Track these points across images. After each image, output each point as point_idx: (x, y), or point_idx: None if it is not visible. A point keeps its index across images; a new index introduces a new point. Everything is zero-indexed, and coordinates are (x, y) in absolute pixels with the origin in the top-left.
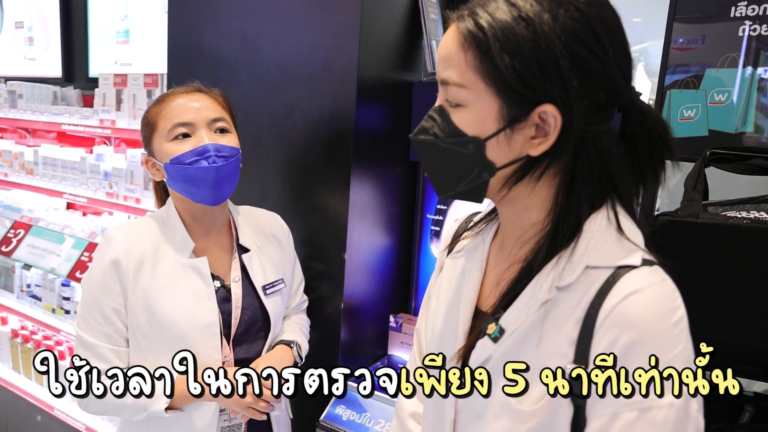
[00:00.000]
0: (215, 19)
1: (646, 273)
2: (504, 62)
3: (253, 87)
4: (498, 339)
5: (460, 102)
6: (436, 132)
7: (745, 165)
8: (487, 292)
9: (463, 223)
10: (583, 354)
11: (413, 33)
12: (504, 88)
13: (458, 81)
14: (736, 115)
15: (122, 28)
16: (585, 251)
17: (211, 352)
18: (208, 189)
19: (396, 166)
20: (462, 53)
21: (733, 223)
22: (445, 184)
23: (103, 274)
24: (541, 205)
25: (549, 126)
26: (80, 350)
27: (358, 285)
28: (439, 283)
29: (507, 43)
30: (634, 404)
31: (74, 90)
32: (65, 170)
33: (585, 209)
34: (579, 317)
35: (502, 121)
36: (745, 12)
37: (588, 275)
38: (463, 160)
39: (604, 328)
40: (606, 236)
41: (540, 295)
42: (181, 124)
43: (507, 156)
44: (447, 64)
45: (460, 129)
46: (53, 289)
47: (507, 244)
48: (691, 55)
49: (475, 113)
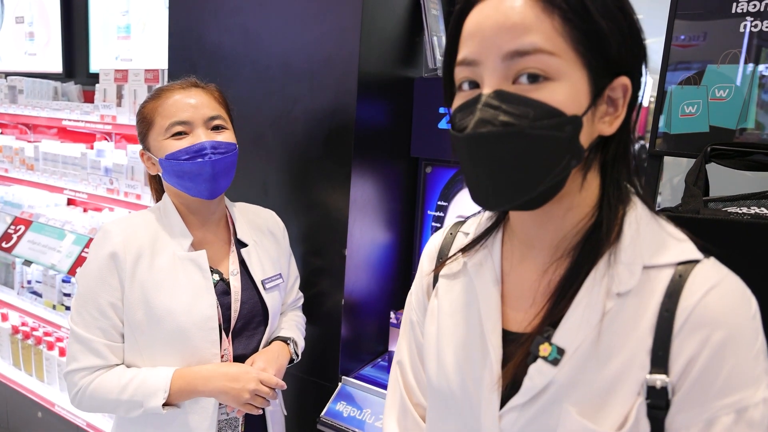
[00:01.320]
0: (216, 13)
1: (713, 266)
2: (604, 27)
3: (254, 82)
4: (559, 361)
5: (549, 74)
6: (512, 119)
7: (746, 161)
8: (513, 311)
9: (448, 235)
10: (661, 362)
11: (414, 29)
12: (596, 56)
13: (549, 48)
14: (737, 111)
15: (123, 23)
16: (635, 250)
17: (209, 346)
18: (205, 183)
19: (397, 162)
20: (546, 17)
21: (733, 219)
22: (520, 185)
23: (100, 268)
24: (589, 200)
25: (619, 100)
26: (74, 345)
27: (359, 281)
28: (436, 308)
29: (602, 5)
30: (731, 406)
31: (75, 85)
32: (66, 166)
33: (625, 201)
34: (651, 323)
35: (590, 95)
36: (747, 8)
37: (647, 275)
38: (555, 147)
39: (687, 330)
40: (652, 231)
41: (598, 305)
42: (178, 122)
43: (589, 137)
44: (524, 31)
45: (555, 107)
46: (54, 285)
47: (534, 253)
48: (692, 52)
49: (570, 86)
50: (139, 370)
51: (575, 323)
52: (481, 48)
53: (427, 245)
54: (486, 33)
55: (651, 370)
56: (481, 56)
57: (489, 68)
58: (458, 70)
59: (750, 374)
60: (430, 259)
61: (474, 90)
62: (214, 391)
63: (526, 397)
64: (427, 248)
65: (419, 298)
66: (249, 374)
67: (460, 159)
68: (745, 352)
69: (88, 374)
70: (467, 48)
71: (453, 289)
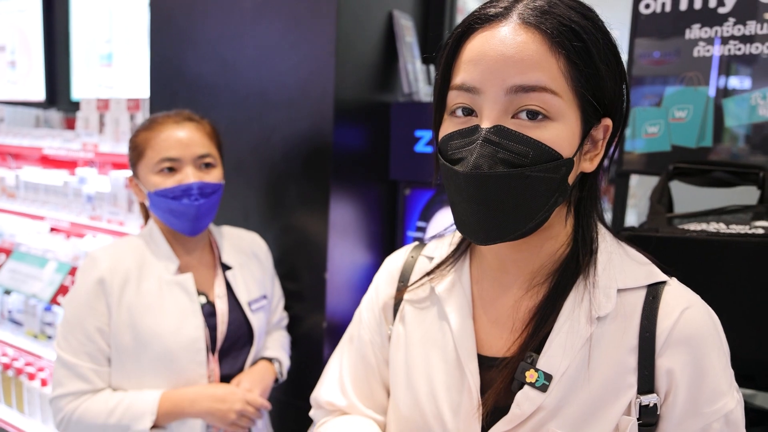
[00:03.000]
0: (195, 44)
1: (679, 287)
2: (603, 72)
3: (233, 110)
4: (547, 387)
5: (550, 113)
6: (512, 158)
7: (706, 178)
8: (487, 336)
9: (410, 258)
10: (648, 380)
11: (390, 55)
12: (591, 100)
13: (553, 87)
14: (696, 130)
15: (105, 51)
16: (609, 275)
17: (195, 367)
18: (188, 222)
19: (376, 185)
20: (552, 57)
21: (689, 237)
22: (512, 223)
23: (87, 294)
24: (565, 231)
25: (600, 140)
26: (60, 370)
27: (340, 304)
28: (403, 336)
29: (602, 50)
30: (718, 412)
31: (57, 113)
32: (48, 194)
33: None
34: (632, 344)
35: (580, 136)
36: (699, 34)
37: (621, 298)
38: (549, 187)
39: (668, 349)
40: (619, 256)
41: (581, 330)
42: (168, 159)
43: (574, 175)
44: (531, 67)
45: (554, 149)
46: (35, 314)
47: (509, 279)
48: (653, 73)
49: (567, 127)
50: (125, 394)
51: (559, 348)
52: (483, 77)
53: (386, 265)
54: (490, 63)
55: (639, 390)
56: (483, 85)
57: (490, 99)
58: (454, 94)
59: (725, 381)
60: (390, 280)
61: (469, 118)
62: (200, 412)
63: (512, 424)
64: (386, 269)
65: (376, 317)
66: (235, 395)
67: (451, 192)
68: (718, 362)
69: (74, 399)
70: (467, 74)
71: (423, 317)
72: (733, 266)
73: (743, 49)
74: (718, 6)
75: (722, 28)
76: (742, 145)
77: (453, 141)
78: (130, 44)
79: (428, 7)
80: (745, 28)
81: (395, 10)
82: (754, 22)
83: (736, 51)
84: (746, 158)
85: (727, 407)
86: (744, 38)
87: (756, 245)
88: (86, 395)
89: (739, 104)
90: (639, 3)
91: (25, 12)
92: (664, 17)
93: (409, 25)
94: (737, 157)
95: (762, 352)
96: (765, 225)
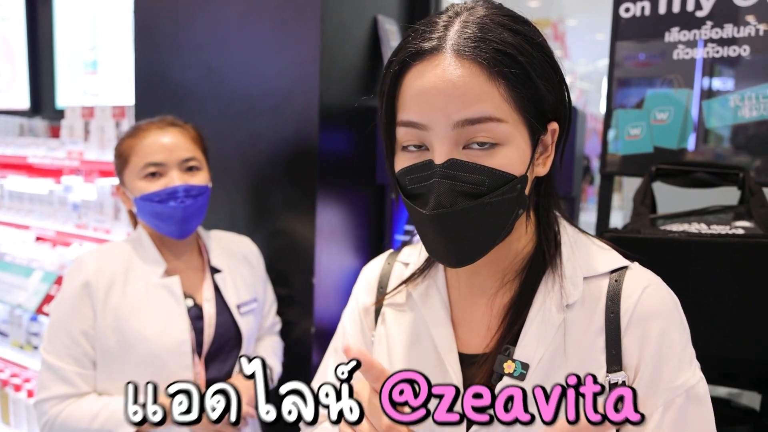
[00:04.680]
0: (180, 51)
1: (640, 268)
2: (542, 89)
3: (219, 117)
4: (525, 375)
5: (499, 140)
6: (470, 188)
7: (688, 179)
8: (466, 335)
9: (386, 265)
10: (616, 359)
11: (375, 59)
12: (535, 114)
13: (498, 115)
14: (677, 132)
15: (90, 58)
16: (574, 265)
17: (181, 370)
18: (176, 225)
19: (363, 190)
20: (492, 85)
21: (671, 238)
22: (480, 245)
23: (72, 297)
24: (529, 230)
25: (548, 141)
26: (45, 374)
27: (329, 309)
28: (384, 337)
29: (539, 66)
30: (680, 387)
31: (41, 121)
32: (32, 203)
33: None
34: (600, 325)
35: (531, 150)
36: (678, 37)
37: (587, 285)
38: (508, 205)
39: (632, 326)
40: (583, 245)
41: (552, 319)
42: (152, 164)
43: (529, 183)
44: (473, 100)
45: (507, 172)
46: (21, 324)
47: (482, 280)
48: (638, 75)
49: (516, 148)
50: (110, 399)
51: (533, 338)
52: (429, 114)
53: (363, 274)
54: (432, 99)
55: (608, 369)
56: (430, 122)
57: (438, 135)
58: (403, 131)
59: (686, 357)
60: (368, 289)
61: (421, 152)
62: None
63: None
64: (365, 277)
65: (358, 326)
66: None
67: (417, 225)
68: (679, 338)
69: (58, 403)
70: (412, 112)
71: (402, 321)
72: (714, 266)
73: (721, 52)
74: (696, 9)
75: (700, 31)
76: (726, 145)
77: (409, 176)
78: (114, 51)
79: (413, 11)
80: (722, 31)
81: (380, 15)
82: (731, 25)
83: (714, 54)
84: (730, 159)
85: (688, 383)
86: (722, 41)
87: (736, 245)
88: (71, 399)
89: (721, 105)
90: (619, 7)
91: (8, 20)
92: (644, 21)
93: (394, 29)
94: (722, 157)
95: (744, 351)
96: (745, 225)
